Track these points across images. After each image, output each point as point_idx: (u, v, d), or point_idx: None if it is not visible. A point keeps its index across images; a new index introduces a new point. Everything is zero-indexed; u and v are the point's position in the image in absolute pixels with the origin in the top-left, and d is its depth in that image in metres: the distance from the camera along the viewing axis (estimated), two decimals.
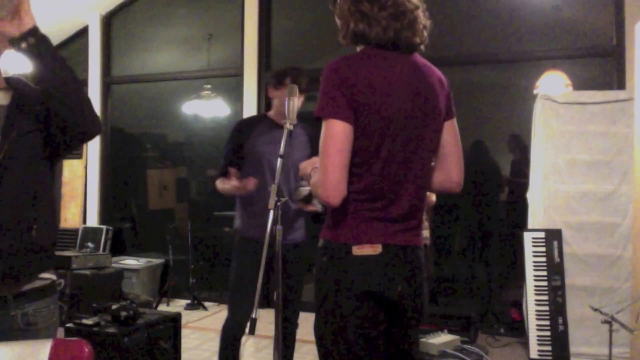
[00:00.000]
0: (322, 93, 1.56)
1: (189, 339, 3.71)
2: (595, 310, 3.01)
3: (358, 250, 1.54)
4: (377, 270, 1.54)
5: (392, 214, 1.56)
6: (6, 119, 1.55)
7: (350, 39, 1.62)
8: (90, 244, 5.56)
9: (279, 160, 2.37)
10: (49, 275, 1.64)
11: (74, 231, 5.89)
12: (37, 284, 1.59)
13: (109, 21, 6.25)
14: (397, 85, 1.55)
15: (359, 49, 1.65)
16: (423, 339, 3.15)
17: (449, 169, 1.68)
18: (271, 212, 2.29)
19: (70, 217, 6.06)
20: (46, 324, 1.62)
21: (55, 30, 6.25)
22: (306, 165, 2.53)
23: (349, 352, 1.54)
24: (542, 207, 4.03)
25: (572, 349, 3.76)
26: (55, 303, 1.67)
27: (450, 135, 1.67)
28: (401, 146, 1.56)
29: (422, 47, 1.63)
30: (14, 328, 1.55)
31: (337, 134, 1.51)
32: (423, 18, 1.61)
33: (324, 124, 1.53)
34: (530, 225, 4.09)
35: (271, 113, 2.92)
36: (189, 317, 4.59)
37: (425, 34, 1.62)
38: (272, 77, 2.94)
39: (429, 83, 1.61)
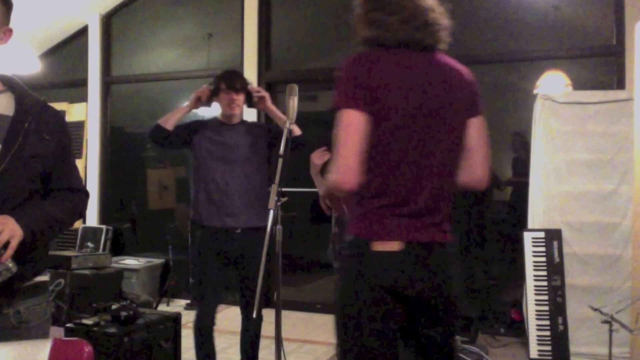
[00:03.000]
0: (338, 86, 1.57)
1: (189, 339, 3.70)
2: (595, 310, 3.01)
3: (378, 246, 1.54)
4: (396, 267, 1.54)
5: (411, 209, 1.56)
6: (8, 133, 1.57)
7: (364, 44, 1.65)
8: (90, 244, 5.56)
9: (280, 160, 2.38)
10: (41, 278, 1.67)
11: (74, 231, 5.89)
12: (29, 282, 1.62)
13: (109, 21, 6.24)
14: (411, 81, 1.56)
15: None
16: None
17: (474, 165, 1.68)
18: (271, 212, 2.30)
19: None
20: (38, 321, 1.64)
21: (55, 30, 6.25)
22: (315, 157, 2.66)
23: (365, 346, 1.55)
24: (542, 207, 4.03)
25: (572, 348, 3.76)
26: (48, 301, 1.70)
27: (476, 132, 1.67)
28: (417, 141, 1.56)
29: (441, 46, 1.64)
30: (6, 326, 1.57)
31: (352, 123, 1.52)
32: (439, 19, 1.61)
33: (339, 115, 1.54)
34: (530, 225, 4.09)
35: (219, 116, 3.15)
36: (189, 317, 4.57)
37: (441, 34, 1.62)
38: (209, 85, 3.11)
39: (446, 80, 1.62)
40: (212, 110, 3.38)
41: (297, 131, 3.03)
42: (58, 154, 1.66)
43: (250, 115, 5.24)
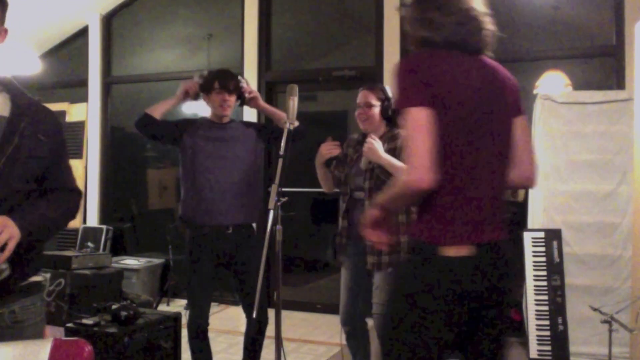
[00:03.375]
0: (400, 86, 1.55)
1: None
2: (595, 310, 3.02)
3: (447, 251, 1.50)
4: (466, 272, 1.50)
5: (478, 210, 1.55)
6: (3, 133, 1.56)
7: (417, 44, 1.65)
8: (90, 244, 5.56)
9: (280, 161, 2.38)
10: (36, 278, 1.68)
11: (74, 231, 5.89)
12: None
13: (109, 21, 6.24)
14: (468, 81, 1.58)
15: None
16: None
17: (522, 164, 1.69)
18: (271, 212, 2.30)
19: None
20: (33, 321, 1.65)
21: (56, 31, 6.26)
22: (324, 148, 2.68)
23: (425, 354, 1.50)
24: (541, 207, 4.03)
25: (572, 348, 3.76)
26: (42, 301, 1.71)
27: (522, 131, 1.70)
28: (478, 140, 1.56)
29: (487, 51, 1.68)
30: (1, 326, 1.58)
31: (422, 120, 1.49)
32: (489, 24, 1.66)
33: (405, 114, 1.51)
34: (530, 225, 4.09)
35: (209, 115, 3.15)
36: None
37: (490, 40, 1.67)
38: (201, 83, 3.07)
39: (497, 80, 1.65)
40: (201, 110, 3.39)
41: (295, 123, 3.04)
42: (53, 154, 1.67)
43: (250, 115, 5.25)
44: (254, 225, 3.20)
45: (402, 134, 2.77)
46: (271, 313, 2.70)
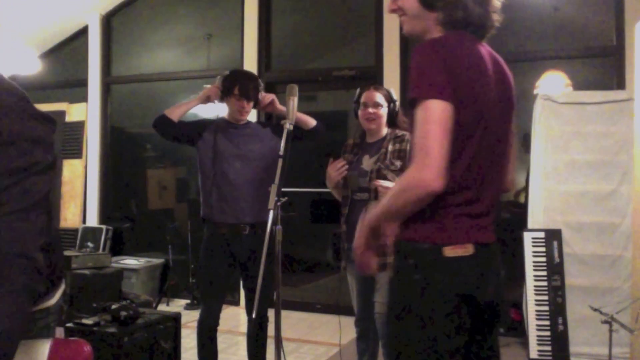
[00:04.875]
0: (418, 73, 1.39)
1: (189, 339, 3.71)
2: (595, 310, 3.01)
3: (450, 252, 1.41)
4: (471, 272, 1.43)
5: (478, 209, 1.46)
6: None
7: (452, 23, 1.49)
8: (90, 244, 5.56)
9: (280, 161, 2.38)
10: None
11: (74, 231, 5.89)
12: None
13: (109, 21, 6.24)
14: (488, 70, 1.46)
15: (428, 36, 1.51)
16: None
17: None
18: (271, 212, 2.30)
19: (70, 216, 6.06)
20: (48, 322, 1.62)
21: (55, 30, 6.25)
22: (332, 170, 2.61)
23: None
24: (542, 207, 4.03)
25: (572, 349, 3.76)
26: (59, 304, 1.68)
27: (511, 133, 1.61)
28: (490, 136, 1.45)
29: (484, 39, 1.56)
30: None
31: (440, 115, 1.35)
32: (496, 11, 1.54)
33: (422, 105, 1.36)
34: (530, 225, 4.09)
35: (225, 116, 3.14)
36: (189, 317, 4.59)
37: (494, 24, 1.54)
38: (220, 84, 3.06)
39: (504, 73, 1.54)
40: (217, 110, 3.39)
41: (311, 121, 3.05)
42: None
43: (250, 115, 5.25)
44: None
45: (408, 135, 2.74)
46: (271, 313, 2.70)
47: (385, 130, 2.89)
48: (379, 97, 2.85)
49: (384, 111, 2.85)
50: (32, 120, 1.28)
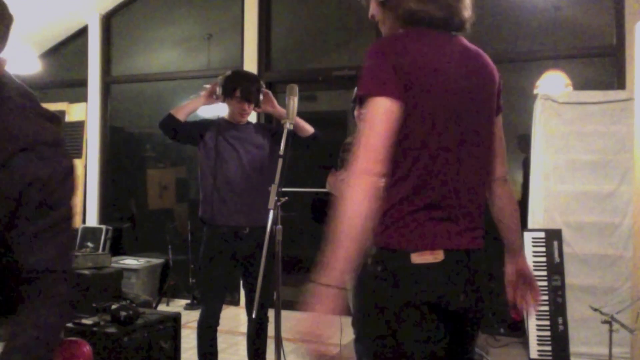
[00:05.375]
0: (367, 70, 1.36)
1: (189, 339, 3.70)
2: (595, 310, 3.01)
3: (417, 258, 1.34)
4: (439, 280, 1.35)
5: (449, 213, 1.38)
6: None
7: (403, 19, 1.44)
8: (89, 244, 5.56)
9: (280, 161, 2.38)
10: None
11: (74, 231, 5.88)
12: None
13: (108, 21, 6.24)
14: (449, 64, 1.40)
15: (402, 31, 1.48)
16: None
17: (494, 165, 1.56)
18: (271, 212, 2.30)
19: None
20: None
21: (55, 30, 6.25)
22: (332, 180, 2.56)
23: None
24: (542, 207, 4.03)
25: (572, 349, 3.76)
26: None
27: (498, 130, 1.56)
28: (454, 134, 1.39)
29: (468, 25, 1.48)
30: None
31: (382, 113, 1.31)
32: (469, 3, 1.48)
33: (368, 103, 1.34)
34: (530, 225, 4.09)
35: (226, 116, 3.14)
36: (188, 317, 4.59)
37: (469, 19, 1.47)
38: (221, 85, 3.05)
39: (481, 67, 1.48)
40: (218, 110, 3.38)
41: (308, 129, 3.05)
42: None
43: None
44: None
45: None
46: (271, 313, 2.69)
47: None
48: None
49: None
50: (46, 122, 1.27)
